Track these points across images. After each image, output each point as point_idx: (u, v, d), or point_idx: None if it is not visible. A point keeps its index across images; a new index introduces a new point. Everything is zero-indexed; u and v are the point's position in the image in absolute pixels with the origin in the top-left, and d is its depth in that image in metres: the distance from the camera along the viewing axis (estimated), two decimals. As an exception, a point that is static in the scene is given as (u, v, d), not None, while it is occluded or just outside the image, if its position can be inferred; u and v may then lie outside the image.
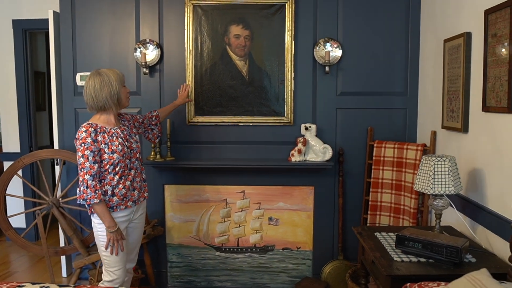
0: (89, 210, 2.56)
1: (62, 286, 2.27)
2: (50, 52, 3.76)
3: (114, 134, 2.58)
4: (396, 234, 2.34)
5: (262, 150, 3.60)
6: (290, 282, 3.68)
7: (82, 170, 2.46)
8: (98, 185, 2.47)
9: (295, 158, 3.43)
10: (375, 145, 3.46)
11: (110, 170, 2.53)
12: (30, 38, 4.84)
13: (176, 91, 3.53)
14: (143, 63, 3.48)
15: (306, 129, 3.47)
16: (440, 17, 3.07)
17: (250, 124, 3.59)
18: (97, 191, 2.44)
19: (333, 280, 3.54)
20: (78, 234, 3.56)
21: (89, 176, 2.44)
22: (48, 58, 5.19)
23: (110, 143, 2.53)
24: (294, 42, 3.48)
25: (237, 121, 3.58)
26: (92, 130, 2.49)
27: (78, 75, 3.62)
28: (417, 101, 3.52)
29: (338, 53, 3.46)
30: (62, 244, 3.86)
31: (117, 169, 2.55)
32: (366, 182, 3.54)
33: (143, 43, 3.53)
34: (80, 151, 2.47)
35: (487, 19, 2.34)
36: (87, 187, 2.44)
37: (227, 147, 3.62)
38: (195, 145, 3.63)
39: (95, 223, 2.58)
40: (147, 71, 3.54)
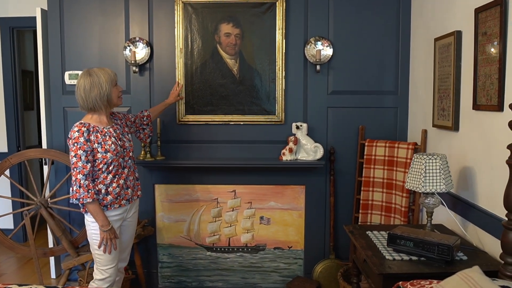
0: (82, 209, 2.56)
1: (50, 288, 2.24)
2: (38, 50, 3.71)
3: (107, 134, 2.57)
4: (387, 232, 2.34)
5: (253, 149, 3.59)
6: (281, 282, 3.67)
7: (75, 169, 2.46)
8: (91, 184, 2.48)
9: (286, 157, 3.42)
10: (366, 144, 3.47)
11: (104, 169, 2.53)
12: (18, 37, 4.76)
13: (166, 90, 3.51)
14: (133, 62, 3.44)
15: (297, 128, 3.46)
16: (430, 15, 3.08)
17: (241, 123, 3.57)
18: (89, 191, 2.45)
19: (324, 279, 3.54)
20: (67, 234, 3.51)
21: (81, 175, 2.45)
22: (36, 57, 5.12)
23: (103, 143, 2.53)
24: (285, 40, 3.47)
25: (228, 120, 3.57)
26: (85, 129, 2.49)
27: (66, 74, 3.58)
28: (408, 99, 3.53)
29: (329, 51, 3.46)
30: (50, 245, 3.81)
31: (110, 168, 2.55)
32: (358, 181, 3.54)
33: (133, 42, 3.50)
34: (72, 151, 2.47)
35: (477, 18, 2.34)
36: (80, 187, 2.44)
37: (218, 146, 3.60)
38: (186, 144, 3.61)
39: (89, 222, 2.59)
40: (137, 70, 3.51)
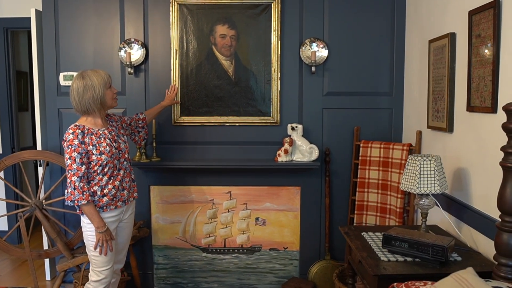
0: (78, 210, 2.56)
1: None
2: (33, 51, 3.69)
3: (101, 136, 2.57)
4: (382, 233, 2.34)
5: (249, 150, 3.59)
6: (277, 283, 3.67)
7: (70, 171, 2.46)
8: (86, 186, 2.48)
9: (282, 158, 3.43)
10: (361, 145, 3.48)
11: (99, 171, 2.53)
12: (12, 37, 4.74)
13: (161, 91, 3.51)
14: (128, 63, 3.44)
15: (293, 129, 3.46)
16: (425, 17, 3.10)
17: (237, 124, 3.57)
18: (84, 193, 2.45)
19: (320, 280, 3.55)
20: (62, 236, 3.50)
21: (76, 177, 2.45)
22: (30, 58, 5.10)
23: (98, 145, 2.53)
24: (280, 42, 3.47)
25: (223, 121, 3.57)
26: (79, 132, 2.49)
27: (61, 75, 3.56)
28: (402, 101, 3.55)
29: (324, 53, 3.47)
30: (45, 247, 3.79)
31: (105, 170, 2.55)
32: (353, 182, 3.55)
33: (128, 43, 3.49)
34: (67, 153, 2.47)
35: (471, 20, 2.36)
36: (75, 189, 2.45)
37: (213, 148, 3.60)
38: (181, 145, 3.60)
39: (84, 223, 2.59)
40: (132, 71, 3.50)
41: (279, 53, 3.48)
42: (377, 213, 3.40)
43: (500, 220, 1.83)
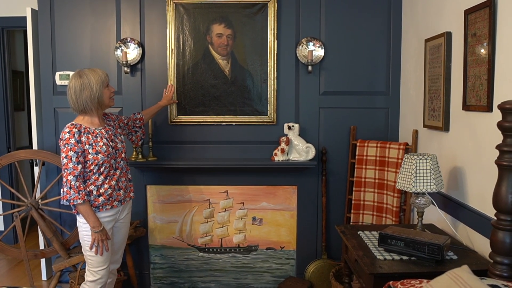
0: (74, 210, 2.55)
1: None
2: (29, 50, 3.68)
3: (98, 135, 2.56)
4: (378, 232, 2.35)
5: (245, 149, 3.59)
6: (274, 282, 3.67)
7: (66, 170, 2.45)
8: (82, 185, 2.47)
9: (278, 157, 3.43)
10: (358, 144, 3.48)
11: (95, 171, 2.52)
12: (8, 37, 4.72)
13: (158, 90, 3.50)
14: (124, 62, 3.43)
15: (289, 128, 3.46)
16: (421, 17, 3.10)
17: (233, 123, 3.57)
18: (80, 192, 2.44)
19: (316, 279, 3.55)
20: (58, 236, 3.49)
21: (72, 176, 2.44)
22: (26, 57, 5.09)
23: (94, 144, 2.52)
24: (276, 41, 3.47)
25: (219, 120, 3.56)
26: (76, 130, 2.48)
27: (57, 74, 3.55)
28: (399, 100, 3.55)
29: (320, 52, 3.47)
30: (41, 246, 3.78)
31: (101, 169, 2.54)
32: (349, 181, 3.55)
33: (124, 42, 3.48)
34: (63, 152, 2.46)
35: (467, 19, 2.36)
36: (71, 188, 2.43)
37: (210, 147, 3.60)
38: (178, 145, 3.60)
39: (80, 223, 2.58)
40: (128, 70, 3.50)
41: (276, 52, 3.48)
42: (373, 212, 3.40)
43: (495, 218, 1.83)
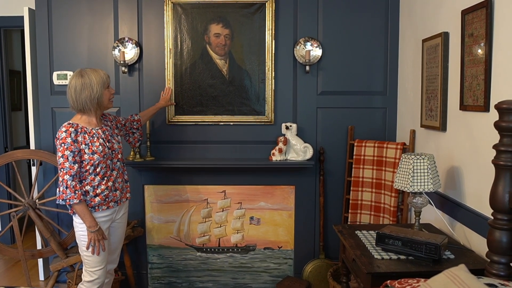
0: (70, 210, 2.55)
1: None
2: (26, 50, 3.67)
3: (95, 135, 2.56)
4: (376, 232, 2.35)
5: (243, 149, 3.59)
6: (271, 282, 3.67)
7: (62, 170, 2.44)
8: (78, 185, 2.46)
9: (276, 157, 3.43)
10: (356, 144, 3.49)
11: (91, 171, 2.52)
12: (5, 36, 4.72)
13: (155, 90, 3.50)
14: (122, 62, 3.43)
15: (287, 128, 3.47)
16: (418, 17, 3.11)
17: (231, 123, 3.57)
18: (76, 191, 2.43)
19: (314, 279, 3.56)
20: (56, 236, 3.48)
21: (68, 176, 2.43)
22: (23, 57, 5.07)
23: (90, 144, 2.51)
24: (274, 41, 3.47)
25: (217, 120, 3.56)
26: (72, 130, 2.47)
27: (55, 74, 3.55)
28: (396, 100, 3.56)
29: (318, 52, 3.47)
30: (39, 246, 3.77)
31: (97, 169, 2.53)
32: (347, 181, 3.56)
33: (122, 42, 3.48)
34: (60, 151, 2.45)
35: (464, 20, 2.37)
36: (67, 187, 2.43)
37: (208, 147, 3.60)
38: (175, 144, 3.60)
39: (77, 223, 2.57)
40: (126, 70, 3.49)
41: (273, 52, 3.48)
42: (371, 211, 3.41)
43: (492, 218, 1.84)
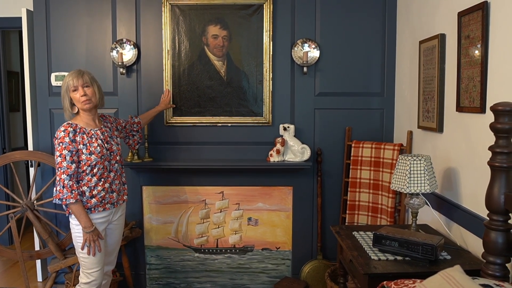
0: (66, 211, 2.55)
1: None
2: (24, 51, 3.67)
3: (93, 136, 2.56)
4: (373, 233, 2.36)
5: (241, 150, 3.60)
6: (269, 282, 3.68)
7: (59, 169, 2.45)
8: (75, 185, 2.46)
9: (274, 158, 3.44)
10: (353, 145, 3.50)
11: (88, 172, 2.52)
12: (3, 37, 4.72)
13: (153, 92, 3.51)
14: (120, 63, 3.43)
15: (285, 129, 3.48)
16: (416, 18, 3.12)
17: (229, 124, 3.58)
18: (73, 191, 2.43)
19: (312, 279, 3.56)
20: (54, 237, 3.49)
21: (65, 175, 2.43)
22: (21, 58, 5.07)
23: (88, 144, 2.51)
24: (272, 42, 3.48)
25: (215, 121, 3.57)
26: (71, 130, 2.48)
27: (53, 75, 3.55)
28: (393, 101, 3.57)
29: (316, 53, 3.48)
30: (37, 247, 3.77)
31: (95, 170, 2.53)
32: (344, 181, 3.57)
33: (120, 43, 3.48)
34: (58, 151, 2.46)
35: (461, 21, 2.39)
36: (63, 187, 2.43)
37: (206, 148, 3.60)
38: (173, 146, 3.60)
39: (73, 224, 2.57)
40: (124, 71, 3.50)
41: (271, 53, 3.49)
42: (368, 212, 3.42)
43: (488, 219, 1.85)
